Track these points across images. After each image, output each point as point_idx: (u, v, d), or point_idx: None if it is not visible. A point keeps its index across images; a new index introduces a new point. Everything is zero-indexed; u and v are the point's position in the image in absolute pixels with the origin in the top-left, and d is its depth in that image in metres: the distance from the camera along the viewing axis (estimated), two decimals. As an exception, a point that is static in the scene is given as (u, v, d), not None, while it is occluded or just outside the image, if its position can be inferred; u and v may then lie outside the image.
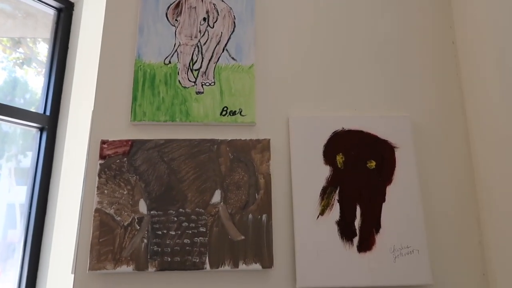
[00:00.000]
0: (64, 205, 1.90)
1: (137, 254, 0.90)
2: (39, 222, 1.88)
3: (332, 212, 0.94)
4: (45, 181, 1.96)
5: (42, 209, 1.92)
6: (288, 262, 0.92)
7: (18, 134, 1.99)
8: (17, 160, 1.95)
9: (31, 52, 2.17)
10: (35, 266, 1.79)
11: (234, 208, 0.93)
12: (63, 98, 2.10)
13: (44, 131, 2.04)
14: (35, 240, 1.80)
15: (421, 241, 0.92)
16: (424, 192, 0.97)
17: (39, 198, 1.91)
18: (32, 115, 2.00)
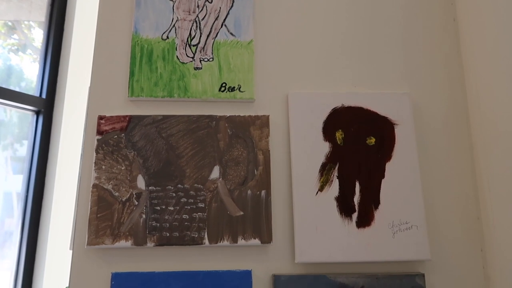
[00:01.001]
0: (61, 188, 1.89)
1: (136, 229, 0.89)
2: (36, 206, 1.88)
3: (331, 188, 0.93)
4: (42, 165, 1.95)
5: (39, 193, 1.91)
6: (287, 237, 0.92)
7: (14, 123, 1.97)
8: (13, 149, 1.93)
9: (26, 38, 2.13)
10: (32, 248, 1.79)
11: (233, 184, 0.93)
12: (59, 81, 2.07)
13: (40, 115, 2.02)
14: (32, 224, 1.79)
15: (419, 217, 0.92)
16: (423, 169, 0.97)
17: (36, 182, 1.90)
18: (28, 98, 1.98)
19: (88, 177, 0.92)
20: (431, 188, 0.96)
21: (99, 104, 0.97)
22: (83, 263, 0.89)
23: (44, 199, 1.89)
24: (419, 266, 0.92)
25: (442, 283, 0.92)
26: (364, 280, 0.89)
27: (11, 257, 1.73)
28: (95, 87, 0.98)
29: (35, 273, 1.72)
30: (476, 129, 0.99)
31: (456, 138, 1.00)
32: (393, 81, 1.02)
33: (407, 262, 0.92)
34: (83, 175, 0.93)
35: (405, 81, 1.02)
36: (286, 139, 0.97)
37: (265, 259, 0.91)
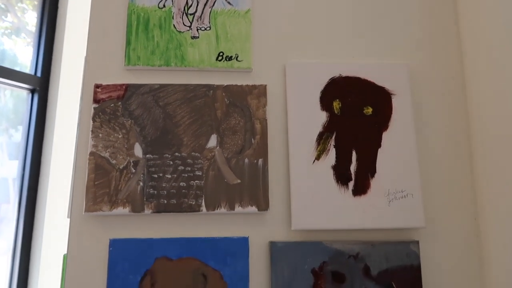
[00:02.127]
0: (58, 166, 1.89)
1: (133, 196, 0.90)
2: (32, 189, 1.87)
3: (328, 157, 0.94)
4: (38, 145, 1.94)
5: (35, 174, 1.91)
6: (283, 205, 0.92)
7: (9, 109, 1.95)
8: (8, 135, 1.92)
9: (20, 22, 2.10)
10: (31, 219, 1.79)
11: (230, 153, 0.93)
12: (54, 59, 2.05)
13: (35, 93, 2.01)
14: (30, 190, 1.79)
15: (415, 186, 0.93)
16: (419, 139, 0.97)
17: (32, 163, 1.90)
18: (22, 76, 1.96)
19: (85, 145, 0.92)
20: (426, 158, 0.97)
21: (96, 73, 0.96)
22: (81, 230, 0.90)
23: (40, 181, 1.89)
24: (414, 234, 0.93)
25: (436, 250, 0.93)
26: (359, 247, 0.91)
27: (8, 234, 1.73)
28: (91, 56, 0.97)
29: (33, 242, 1.73)
30: (472, 99, 1.00)
31: (452, 108, 1.00)
32: (391, 52, 1.02)
33: (402, 229, 0.93)
34: (80, 143, 0.93)
35: (403, 52, 1.02)
36: (283, 109, 0.97)
37: (262, 226, 0.92)
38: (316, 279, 0.88)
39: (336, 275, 0.89)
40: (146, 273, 0.87)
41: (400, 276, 0.89)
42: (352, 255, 0.90)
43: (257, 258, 0.90)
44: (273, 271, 0.88)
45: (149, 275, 0.87)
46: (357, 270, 0.89)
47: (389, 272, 0.90)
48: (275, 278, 0.88)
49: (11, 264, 1.71)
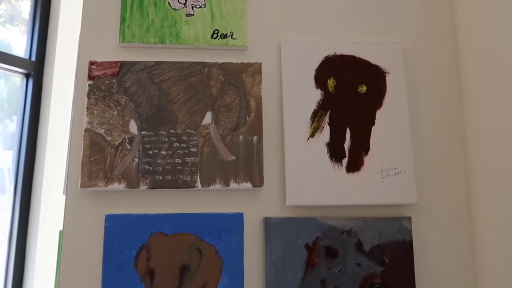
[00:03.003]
0: (53, 151, 1.88)
1: (129, 172, 0.90)
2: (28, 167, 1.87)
3: (322, 134, 0.95)
4: (33, 128, 1.94)
5: (31, 157, 1.91)
6: (278, 181, 0.93)
7: (3, 98, 1.94)
8: (3, 125, 1.91)
9: (14, 10, 2.07)
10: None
11: (225, 130, 0.93)
12: (48, 44, 2.04)
13: (30, 78, 1.99)
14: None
15: (408, 163, 0.94)
16: (413, 117, 0.98)
17: (27, 150, 1.89)
18: (17, 60, 1.94)
19: (80, 122, 0.92)
20: (420, 135, 0.98)
21: (90, 50, 0.96)
22: (77, 206, 0.90)
23: (35, 170, 1.89)
24: (406, 210, 0.95)
25: (428, 226, 0.95)
26: (352, 222, 0.92)
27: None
28: (86, 33, 0.97)
29: (30, 220, 1.74)
30: (466, 77, 1.00)
31: (446, 86, 1.01)
32: (386, 31, 1.02)
33: (394, 206, 0.94)
34: (75, 120, 0.93)
35: (397, 31, 1.03)
36: (278, 86, 0.97)
37: (256, 203, 0.92)
38: (309, 254, 0.90)
39: (329, 250, 0.90)
40: (141, 247, 0.88)
41: (392, 251, 0.91)
42: (345, 230, 0.91)
43: (251, 233, 0.91)
44: (268, 246, 0.90)
45: (144, 250, 0.88)
46: (350, 245, 0.91)
47: (382, 247, 0.91)
48: (270, 253, 0.89)
49: (7, 247, 1.72)
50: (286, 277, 0.88)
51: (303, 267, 0.89)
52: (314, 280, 0.89)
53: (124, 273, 0.87)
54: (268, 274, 0.89)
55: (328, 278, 0.89)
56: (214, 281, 0.88)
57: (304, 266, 0.89)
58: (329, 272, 0.89)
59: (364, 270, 0.90)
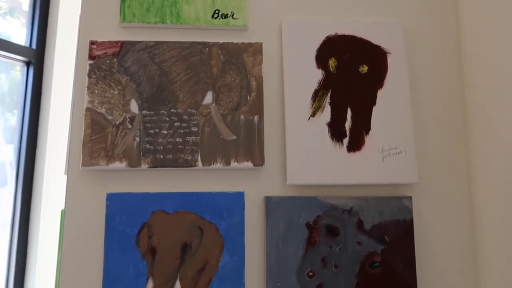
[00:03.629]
0: (54, 138, 1.89)
1: (130, 151, 0.90)
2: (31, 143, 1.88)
3: (323, 114, 0.95)
4: (34, 115, 1.94)
5: (32, 134, 1.91)
6: (279, 161, 0.93)
7: (4, 92, 1.93)
8: (4, 119, 1.91)
9: (14, 1, 2.06)
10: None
11: (225, 109, 0.93)
12: (49, 31, 2.03)
13: (30, 66, 1.99)
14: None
15: (409, 143, 0.94)
16: (414, 97, 0.98)
17: (29, 132, 1.90)
18: (17, 48, 1.94)
19: (81, 101, 0.92)
20: (421, 115, 0.98)
21: (91, 30, 0.96)
22: (78, 185, 0.90)
23: (36, 158, 1.90)
24: (407, 190, 0.95)
25: (428, 206, 0.95)
26: (353, 201, 0.92)
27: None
28: (86, 13, 0.96)
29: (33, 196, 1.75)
30: (467, 58, 1.00)
31: (447, 67, 1.01)
32: (387, 11, 1.02)
33: (395, 185, 0.94)
34: (76, 99, 0.93)
35: (399, 11, 1.02)
36: (279, 66, 0.97)
37: (257, 182, 0.93)
38: (310, 232, 0.90)
39: (330, 228, 0.91)
40: (143, 226, 0.88)
41: (392, 230, 0.91)
42: (346, 209, 0.92)
43: (252, 212, 0.91)
44: (269, 225, 0.90)
45: (146, 228, 0.88)
46: (351, 224, 0.91)
47: (382, 226, 0.91)
48: (271, 232, 0.90)
49: (10, 233, 1.72)
50: (287, 255, 0.89)
51: (304, 245, 0.89)
52: (315, 258, 0.89)
53: (125, 251, 0.87)
54: (269, 252, 0.89)
55: (328, 256, 0.89)
56: (215, 259, 0.88)
57: (305, 244, 0.90)
58: (329, 250, 0.90)
59: (364, 248, 0.90)
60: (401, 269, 0.90)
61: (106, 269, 0.87)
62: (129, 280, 0.86)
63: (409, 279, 0.89)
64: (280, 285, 0.88)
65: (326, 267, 0.89)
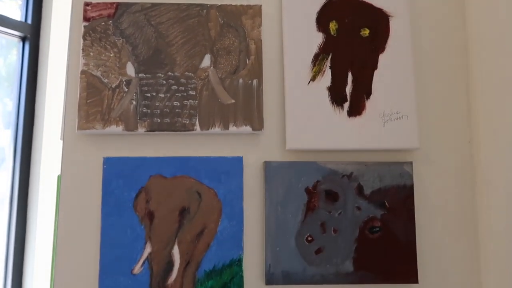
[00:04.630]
0: (52, 114, 1.87)
1: (126, 115, 0.89)
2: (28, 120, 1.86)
3: (324, 78, 0.93)
4: (31, 92, 1.91)
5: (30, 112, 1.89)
6: (278, 125, 0.92)
7: (2, 77, 1.90)
8: (3, 104, 1.88)
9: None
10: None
11: (224, 73, 0.91)
12: (44, 6, 1.99)
13: (26, 41, 1.96)
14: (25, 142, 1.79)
15: (410, 107, 0.92)
16: (417, 61, 0.96)
17: (26, 107, 1.88)
18: (12, 22, 1.90)
19: (76, 64, 0.90)
20: (423, 80, 0.96)
21: (85, -9, 0.93)
22: (74, 149, 0.89)
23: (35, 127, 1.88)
24: (408, 155, 0.93)
25: (429, 171, 0.94)
26: (353, 166, 0.91)
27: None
28: (80, -26, 0.93)
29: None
30: (472, 23, 0.98)
31: (451, 30, 0.99)
32: (390, -27, 0.99)
33: (396, 150, 0.93)
34: (71, 62, 0.91)
35: (402, -27, 0.99)
36: (279, 29, 0.95)
37: (256, 147, 0.91)
38: (309, 197, 0.89)
39: (329, 193, 0.90)
40: (140, 190, 0.88)
41: (392, 195, 0.90)
42: (346, 174, 0.91)
43: (251, 177, 0.90)
44: (268, 190, 0.89)
45: (143, 192, 0.87)
46: (350, 189, 0.90)
47: (382, 191, 0.90)
48: (269, 197, 0.89)
49: (9, 204, 1.71)
50: (286, 220, 0.88)
51: (303, 210, 0.89)
52: (314, 223, 0.89)
53: (123, 215, 0.87)
54: (267, 217, 0.88)
55: (328, 221, 0.89)
56: (213, 223, 0.87)
57: (304, 209, 0.89)
58: (329, 216, 0.89)
59: (364, 213, 0.89)
60: (401, 234, 0.89)
61: (103, 233, 0.86)
62: (127, 244, 0.86)
63: (408, 244, 0.89)
64: (279, 249, 0.87)
65: (325, 232, 0.88)
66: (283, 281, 0.86)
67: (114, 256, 0.85)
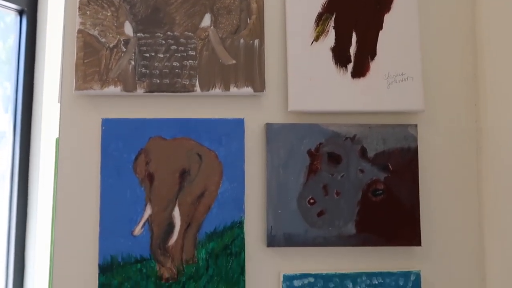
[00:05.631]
0: (50, 90, 1.84)
1: (125, 75, 0.87)
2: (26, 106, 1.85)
3: (327, 38, 0.90)
4: (30, 68, 1.89)
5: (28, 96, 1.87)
6: (280, 86, 0.90)
7: (1, 61, 1.87)
8: (3, 88, 1.86)
9: None
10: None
11: (224, 33, 0.89)
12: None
13: (23, 15, 1.92)
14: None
15: (416, 69, 0.90)
16: (423, 22, 0.93)
17: (25, 83, 1.86)
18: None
19: (73, 23, 0.88)
20: (429, 41, 0.93)
21: None
22: (72, 111, 0.88)
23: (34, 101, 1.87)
24: (412, 118, 0.91)
25: (434, 134, 0.92)
26: (356, 129, 0.89)
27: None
28: None
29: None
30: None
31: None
32: None
33: (400, 113, 0.91)
34: (67, 21, 0.88)
35: None
36: (281, -12, 0.92)
37: (258, 108, 0.90)
38: (312, 160, 0.88)
39: (332, 156, 0.88)
40: (140, 151, 0.86)
41: (396, 158, 0.89)
42: (349, 137, 0.89)
43: (253, 139, 0.89)
44: (269, 152, 0.87)
45: (143, 154, 0.86)
46: (354, 151, 0.89)
47: (386, 154, 0.89)
48: (271, 159, 0.87)
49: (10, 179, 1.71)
50: (288, 182, 0.87)
51: (305, 172, 0.87)
52: (316, 185, 0.87)
53: (122, 177, 0.85)
54: (269, 179, 0.87)
55: (330, 184, 0.87)
56: (214, 185, 0.86)
57: (306, 171, 0.87)
58: (331, 178, 0.88)
59: (367, 176, 0.88)
60: (404, 197, 0.88)
61: (103, 195, 0.85)
62: (127, 206, 0.85)
63: (412, 207, 0.88)
64: (281, 211, 0.86)
65: (327, 195, 0.87)
66: (284, 243, 0.85)
67: (114, 218, 0.84)
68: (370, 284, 0.86)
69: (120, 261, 0.83)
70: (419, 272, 0.86)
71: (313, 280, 0.85)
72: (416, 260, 0.88)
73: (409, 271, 0.86)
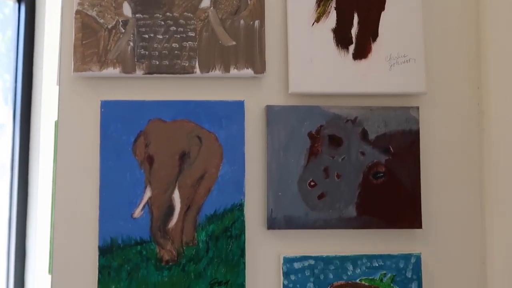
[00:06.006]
0: (50, 80, 1.83)
1: (124, 56, 0.86)
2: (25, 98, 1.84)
3: (328, 19, 0.89)
4: (29, 56, 1.88)
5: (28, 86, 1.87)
6: (281, 68, 0.89)
7: (1, 53, 1.86)
8: (3, 80, 1.85)
9: None
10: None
11: (224, 14, 0.88)
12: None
13: (22, 2, 1.91)
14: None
15: (418, 51, 0.89)
16: (426, 2, 0.91)
17: (24, 71, 1.85)
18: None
19: (71, 3, 0.86)
20: (432, 23, 0.92)
21: None
22: (71, 93, 0.87)
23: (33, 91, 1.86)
24: (414, 100, 0.90)
25: (436, 117, 0.91)
26: (358, 111, 0.88)
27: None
28: None
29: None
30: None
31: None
32: None
33: (402, 95, 0.90)
34: (65, 1, 0.87)
35: None
36: (282, -32, 0.90)
37: (258, 91, 0.89)
38: (312, 142, 0.87)
39: (333, 138, 0.88)
40: (139, 134, 0.86)
41: (398, 140, 0.88)
42: (350, 119, 0.88)
43: (253, 122, 0.88)
44: (270, 135, 0.87)
45: (142, 136, 0.85)
46: (355, 134, 0.88)
47: (387, 136, 0.88)
48: (271, 141, 0.87)
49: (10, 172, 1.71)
50: (288, 164, 0.86)
51: (305, 155, 0.87)
52: (317, 168, 0.87)
53: (122, 159, 0.85)
54: (269, 162, 0.86)
55: (331, 166, 0.87)
56: (214, 167, 0.86)
57: (306, 154, 0.87)
58: (332, 161, 0.87)
59: (368, 158, 0.88)
60: (405, 180, 0.87)
61: (102, 177, 0.84)
62: (126, 188, 0.84)
63: (413, 189, 0.87)
64: (281, 194, 0.86)
65: (328, 177, 0.87)
66: (285, 226, 0.85)
67: (114, 201, 0.84)
68: (370, 266, 0.85)
69: (120, 243, 0.83)
70: (419, 254, 0.86)
71: (313, 262, 0.84)
72: (417, 242, 0.88)
73: (410, 253, 0.86)
